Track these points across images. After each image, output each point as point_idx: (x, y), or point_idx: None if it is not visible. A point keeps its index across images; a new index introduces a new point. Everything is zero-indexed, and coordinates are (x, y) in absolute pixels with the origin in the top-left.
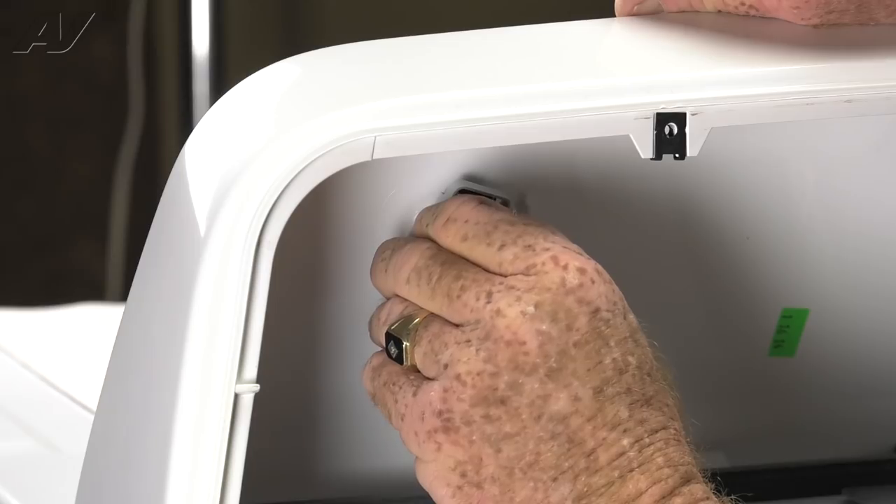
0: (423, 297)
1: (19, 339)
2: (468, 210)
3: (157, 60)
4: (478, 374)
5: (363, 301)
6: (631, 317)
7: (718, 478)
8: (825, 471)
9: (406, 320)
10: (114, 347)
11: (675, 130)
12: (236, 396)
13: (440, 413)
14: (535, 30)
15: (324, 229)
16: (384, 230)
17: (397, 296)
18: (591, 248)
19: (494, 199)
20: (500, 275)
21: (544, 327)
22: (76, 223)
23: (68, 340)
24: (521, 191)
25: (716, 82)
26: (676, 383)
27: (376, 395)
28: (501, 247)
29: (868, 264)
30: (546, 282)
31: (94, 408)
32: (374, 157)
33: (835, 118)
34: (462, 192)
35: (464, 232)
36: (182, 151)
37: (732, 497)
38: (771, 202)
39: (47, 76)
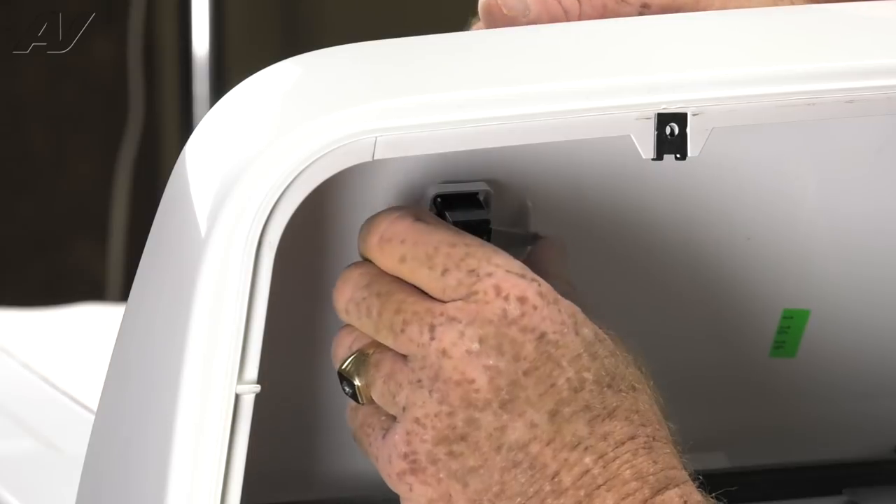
0: (367, 329)
1: (19, 339)
2: (403, 228)
3: (157, 60)
4: (435, 415)
5: None
6: (585, 330)
7: (701, 477)
8: (825, 471)
9: (358, 358)
10: (114, 347)
11: (677, 131)
12: (237, 397)
13: (405, 455)
14: (535, 30)
15: (324, 229)
16: None
17: (346, 325)
18: (592, 248)
19: (476, 195)
20: (440, 301)
21: (491, 362)
22: (76, 223)
23: (68, 340)
24: (521, 191)
25: (717, 82)
26: (674, 383)
27: (355, 436)
28: (444, 272)
29: (869, 265)
30: (487, 313)
31: (94, 408)
32: (375, 158)
33: (836, 118)
34: (438, 197)
35: (401, 253)
36: (182, 152)
37: (713, 495)
38: (772, 203)
39: (47, 76)
